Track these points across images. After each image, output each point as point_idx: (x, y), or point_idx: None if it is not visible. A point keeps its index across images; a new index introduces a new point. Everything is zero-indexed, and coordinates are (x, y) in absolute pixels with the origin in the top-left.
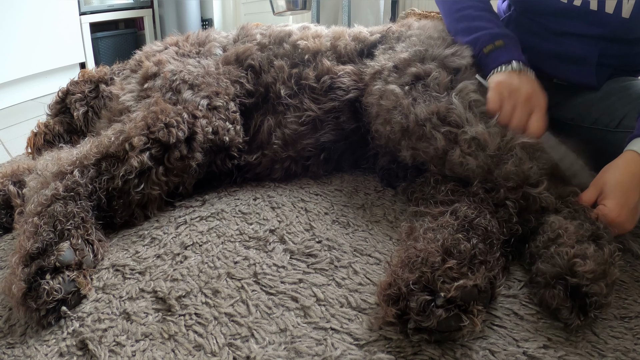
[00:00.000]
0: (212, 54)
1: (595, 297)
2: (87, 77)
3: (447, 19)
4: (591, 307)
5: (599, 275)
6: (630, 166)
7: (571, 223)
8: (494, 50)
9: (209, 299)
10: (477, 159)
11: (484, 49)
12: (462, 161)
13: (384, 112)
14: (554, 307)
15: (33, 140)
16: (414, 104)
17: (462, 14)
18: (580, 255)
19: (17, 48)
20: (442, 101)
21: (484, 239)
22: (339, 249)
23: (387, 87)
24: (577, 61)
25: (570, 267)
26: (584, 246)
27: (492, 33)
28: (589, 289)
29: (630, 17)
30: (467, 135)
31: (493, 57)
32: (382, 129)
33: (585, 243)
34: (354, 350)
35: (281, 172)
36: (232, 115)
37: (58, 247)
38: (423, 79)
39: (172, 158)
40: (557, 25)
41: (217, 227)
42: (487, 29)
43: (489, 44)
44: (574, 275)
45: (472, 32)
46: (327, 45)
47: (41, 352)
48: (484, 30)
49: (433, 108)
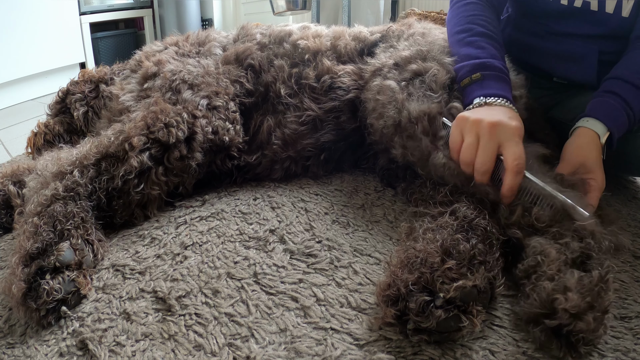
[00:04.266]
0: (212, 54)
1: (582, 335)
2: (87, 77)
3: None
4: (579, 344)
5: (583, 309)
6: (595, 141)
7: (553, 246)
8: (470, 85)
9: (209, 299)
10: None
11: (461, 82)
12: (444, 162)
13: (379, 106)
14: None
15: (33, 140)
16: (408, 100)
17: (457, 37)
18: (561, 289)
19: (18, 48)
20: (435, 102)
21: (484, 239)
22: (339, 249)
23: (384, 82)
24: (578, 59)
25: (549, 305)
26: (566, 276)
27: (475, 64)
28: (572, 328)
29: (630, 16)
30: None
31: (468, 91)
32: (376, 123)
33: (568, 271)
34: (354, 350)
35: (281, 172)
36: (231, 115)
37: (58, 247)
38: (422, 75)
39: (171, 158)
40: (557, 26)
41: (217, 227)
42: (472, 59)
43: (467, 77)
44: (554, 315)
45: (458, 60)
46: (327, 45)
47: (41, 352)
48: (468, 60)
49: (425, 108)
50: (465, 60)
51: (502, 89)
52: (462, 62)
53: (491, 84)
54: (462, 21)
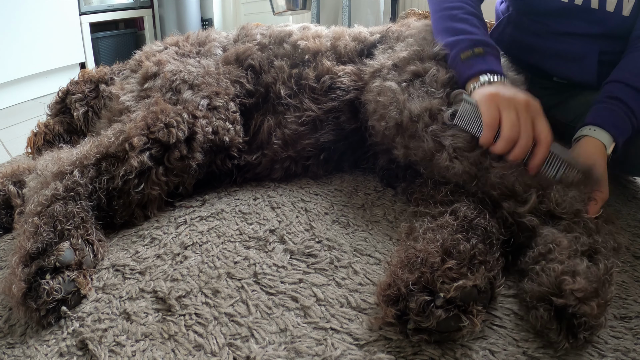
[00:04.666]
0: (212, 54)
1: (585, 319)
2: (87, 77)
3: (434, 16)
4: (580, 329)
5: (590, 294)
6: (601, 151)
7: (565, 236)
8: (471, 58)
9: (209, 299)
10: (463, 164)
11: (461, 54)
12: (448, 165)
13: (380, 108)
14: (539, 329)
15: (33, 140)
16: (409, 100)
17: (449, 13)
18: (570, 272)
19: (17, 48)
20: (437, 98)
21: (484, 239)
22: (339, 249)
23: (385, 83)
24: (578, 59)
25: (557, 286)
26: (576, 262)
27: (474, 39)
28: (577, 310)
29: (631, 15)
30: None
31: (469, 64)
32: (378, 125)
33: (578, 258)
34: (354, 350)
35: (281, 172)
36: (232, 115)
37: (58, 247)
38: (421, 76)
39: (172, 158)
40: (557, 25)
41: (217, 227)
42: (469, 34)
43: (468, 50)
44: (561, 295)
45: (453, 33)
46: (327, 46)
47: (41, 352)
48: (466, 34)
49: (426, 104)
50: (462, 34)
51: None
52: (458, 35)
53: (494, 61)
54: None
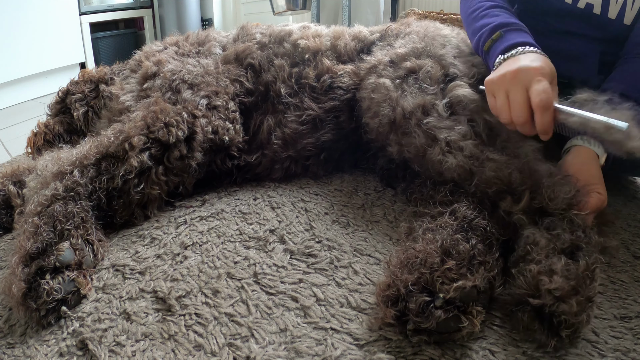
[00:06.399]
0: (212, 54)
1: (564, 317)
2: (87, 77)
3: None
4: (561, 328)
5: (567, 292)
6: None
7: (544, 236)
8: (491, 46)
9: (209, 299)
10: (457, 157)
11: (484, 47)
12: (441, 159)
13: (374, 105)
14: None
15: (33, 140)
16: (402, 97)
17: (471, 17)
18: (547, 272)
19: (17, 48)
20: (430, 94)
21: (483, 239)
22: (339, 249)
23: (379, 80)
24: (579, 58)
25: (535, 286)
26: (553, 260)
27: (492, 26)
28: (555, 309)
29: (632, 24)
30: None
31: (492, 52)
32: (372, 122)
33: (556, 257)
34: (354, 350)
35: (281, 172)
36: (231, 114)
37: (58, 247)
38: (416, 72)
39: (171, 158)
40: (560, 25)
41: (217, 227)
42: (487, 26)
43: (488, 40)
44: (539, 295)
45: (474, 34)
46: (327, 45)
47: (41, 352)
48: (484, 28)
49: (419, 101)
50: (481, 29)
51: (522, 37)
52: (478, 32)
53: (512, 36)
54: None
